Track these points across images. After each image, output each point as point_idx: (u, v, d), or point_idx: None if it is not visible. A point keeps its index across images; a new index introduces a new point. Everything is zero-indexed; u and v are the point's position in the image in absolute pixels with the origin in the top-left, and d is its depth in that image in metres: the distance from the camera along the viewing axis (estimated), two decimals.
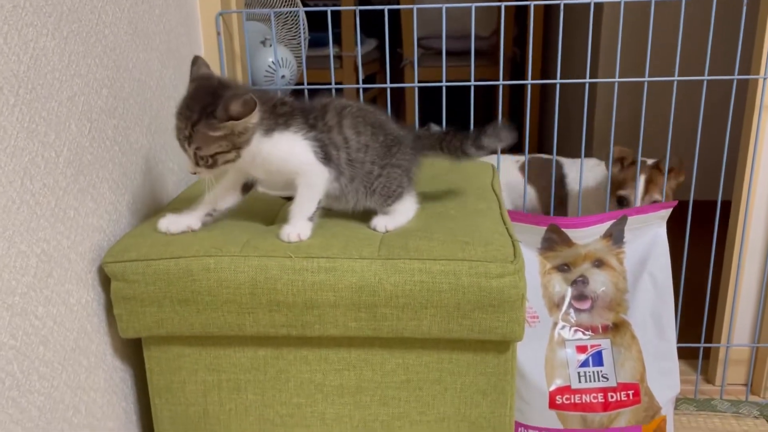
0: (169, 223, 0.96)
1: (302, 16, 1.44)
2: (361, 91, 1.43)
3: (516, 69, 3.33)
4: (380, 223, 0.99)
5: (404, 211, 1.02)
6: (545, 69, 3.54)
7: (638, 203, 1.59)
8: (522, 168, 1.77)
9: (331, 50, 1.34)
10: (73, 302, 0.87)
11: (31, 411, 0.78)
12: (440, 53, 3.20)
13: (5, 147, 0.74)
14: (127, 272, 0.91)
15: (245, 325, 0.93)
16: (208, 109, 0.85)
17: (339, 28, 2.95)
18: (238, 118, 0.85)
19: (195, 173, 0.91)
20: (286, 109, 0.93)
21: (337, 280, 0.90)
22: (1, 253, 0.73)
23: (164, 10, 1.18)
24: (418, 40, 3.30)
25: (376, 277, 0.90)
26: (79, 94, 0.89)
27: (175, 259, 0.91)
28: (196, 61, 0.93)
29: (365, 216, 1.02)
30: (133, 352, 1.04)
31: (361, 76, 1.44)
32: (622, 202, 1.63)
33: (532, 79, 3.09)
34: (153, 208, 1.12)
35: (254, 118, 0.87)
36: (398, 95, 3.45)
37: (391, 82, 3.42)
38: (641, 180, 1.59)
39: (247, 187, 1.00)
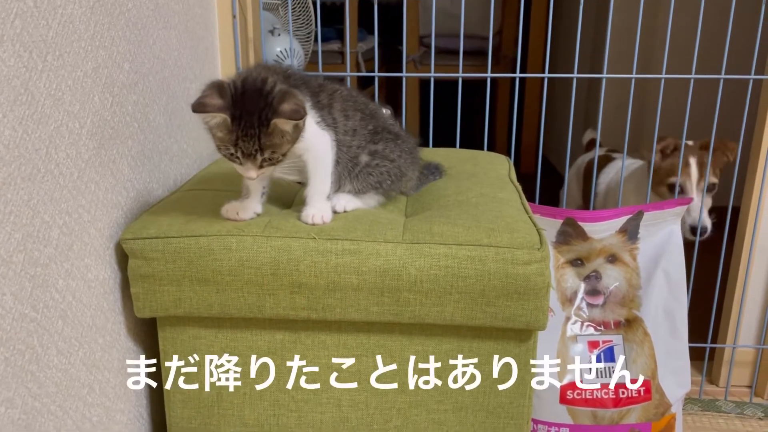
0: (237, 209, 0.93)
1: (316, 2, 1.42)
2: (376, 79, 1.42)
3: (521, 69, 3.33)
4: (340, 202, 0.97)
5: (367, 199, 1.01)
6: (551, 67, 3.52)
7: (695, 190, 1.51)
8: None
9: (347, 38, 1.32)
10: (91, 278, 0.85)
11: (48, 386, 0.76)
12: (443, 52, 3.18)
13: (32, 113, 0.72)
14: (146, 250, 0.89)
15: (265, 306, 0.91)
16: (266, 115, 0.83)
17: (342, 25, 2.93)
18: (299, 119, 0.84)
19: (256, 177, 0.88)
20: (297, 80, 0.92)
21: (361, 263, 0.88)
22: (25, 222, 0.71)
23: None
24: (421, 38, 3.29)
25: (400, 261, 0.88)
26: (102, 66, 0.87)
27: (196, 237, 0.89)
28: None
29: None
30: (146, 333, 1.01)
31: (376, 68, 1.43)
32: (673, 190, 1.52)
33: (540, 73, 3.09)
34: (168, 188, 1.10)
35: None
36: (395, 92, 3.44)
37: (390, 81, 3.42)
38: (693, 164, 1.51)
39: None
